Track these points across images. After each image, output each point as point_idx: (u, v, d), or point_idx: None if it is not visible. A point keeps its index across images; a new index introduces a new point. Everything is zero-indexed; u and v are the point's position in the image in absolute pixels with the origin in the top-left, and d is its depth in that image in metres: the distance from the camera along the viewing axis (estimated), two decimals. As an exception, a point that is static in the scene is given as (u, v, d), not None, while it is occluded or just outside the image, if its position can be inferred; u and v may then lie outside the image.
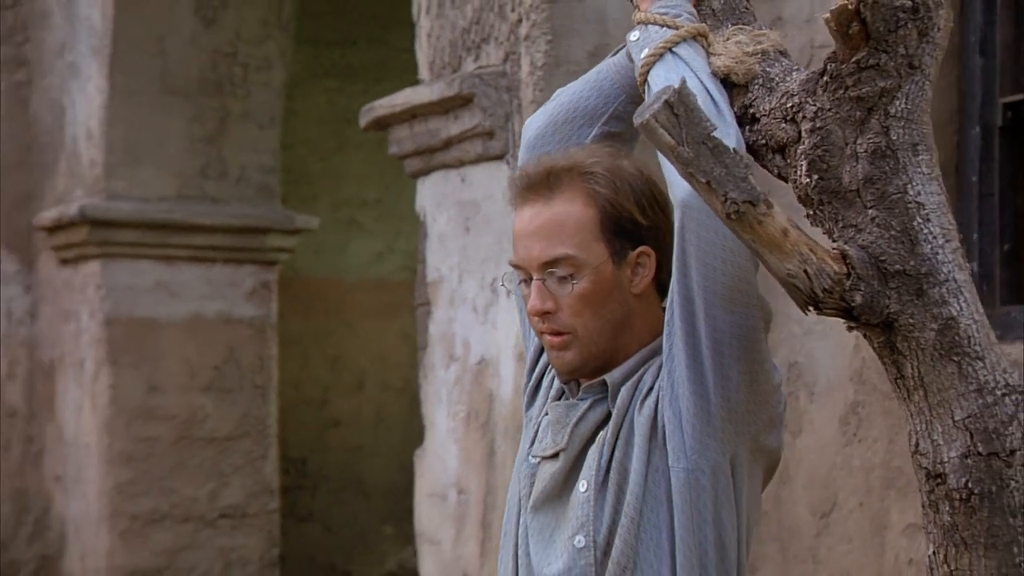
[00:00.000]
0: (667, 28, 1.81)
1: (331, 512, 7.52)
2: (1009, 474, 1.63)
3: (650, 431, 1.83)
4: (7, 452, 6.67)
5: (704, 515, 1.81)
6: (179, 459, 6.14)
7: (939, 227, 1.66)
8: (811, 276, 1.61)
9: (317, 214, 6.82)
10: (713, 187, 1.57)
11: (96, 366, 6.11)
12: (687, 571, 1.81)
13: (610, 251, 1.84)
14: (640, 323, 1.87)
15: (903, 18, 1.66)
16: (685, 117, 1.58)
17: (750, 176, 1.59)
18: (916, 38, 1.67)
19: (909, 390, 1.67)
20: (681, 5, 1.84)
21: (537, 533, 1.91)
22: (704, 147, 1.57)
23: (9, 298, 6.65)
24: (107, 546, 6.05)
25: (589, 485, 1.85)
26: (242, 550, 6.26)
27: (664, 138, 1.58)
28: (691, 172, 1.58)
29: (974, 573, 1.65)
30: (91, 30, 6.16)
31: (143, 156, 6.10)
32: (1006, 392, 1.64)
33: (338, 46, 7.39)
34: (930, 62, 1.68)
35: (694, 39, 1.82)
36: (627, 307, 1.86)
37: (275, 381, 6.41)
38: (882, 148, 1.66)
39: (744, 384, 1.79)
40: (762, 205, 1.58)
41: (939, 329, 1.63)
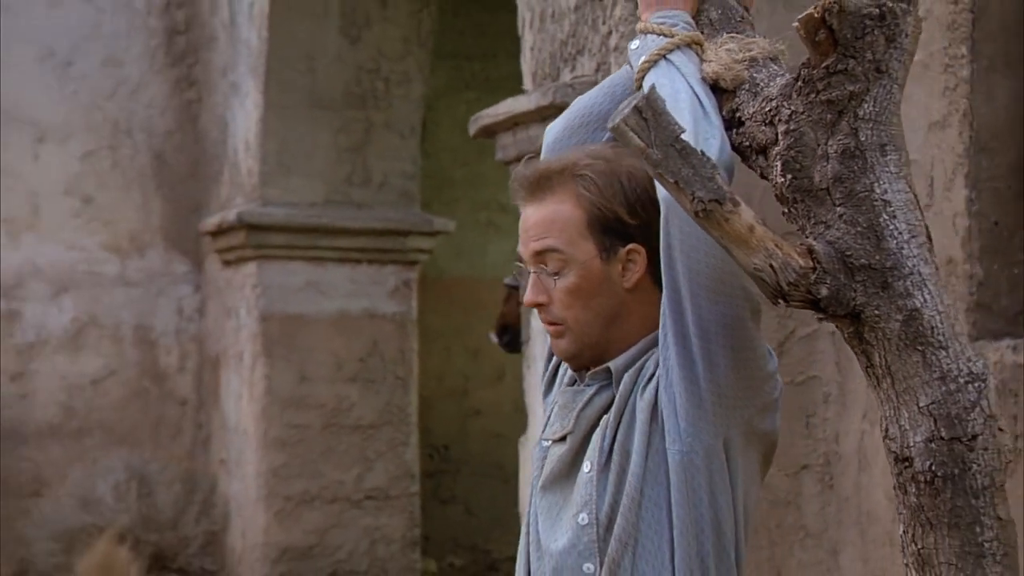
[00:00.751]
0: (663, 37, 1.84)
1: (472, 495, 7.65)
2: (971, 457, 1.63)
3: (650, 415, 1.84)
4: (179, 438, 6.97)
5: (699, 495, 1.81)
6: (327, 445, 6.33)
7: (905, 223, 1.66)
8: (776, 270, 1.62)
9: (458, 217, 6.95)
10: (681, 187, 1.59)
11: (253, 358, 6.35)
12: (684, 548, 1.82)
13: (598, 248, 1.86)
14: (636, 315, 1.88)
15: (870, 25, 1.66)
16: (653, 121, 1.60)
17: (717, 176, 1.60)
18: (883, 44, 1.67)
19: (878, 378, 1.68)
20: (678, 15, 1.87)
21: (545, 512, 1.94)
22: (672, 149, 1.60)
23: (180, 297, 6.96)
24: (264, 524, 6.28)
25: (593, 466, 1.87)
26: (386, 529, 6.42)
27: (634, 140, 1.60)
28: (660, 172, 1.60)
29: (939, 551, 1.64)
30: (249, 51, 6.40)
31: (294, 165, 6.32)
32: (969, 380, 1.64)
33: (478, 60, 7.52)
34: (898, 67, 1.68)
35: (688, 47, 1.83)
36: (618, 300, 1.88)
37: (415, 373, 6.55)
38: (851, 148, 1.66)
39: (732, 371, 1.79)
40: (728, 203, 1.60)
41: (904, 320, 1.63)
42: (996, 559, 1.63)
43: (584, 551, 1.87)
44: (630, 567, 1.84)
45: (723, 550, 1.84)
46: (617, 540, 1.84)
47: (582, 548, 1.87)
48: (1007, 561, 1.64)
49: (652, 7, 1.89)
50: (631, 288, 1.87)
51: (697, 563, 1.82)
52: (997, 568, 1.63)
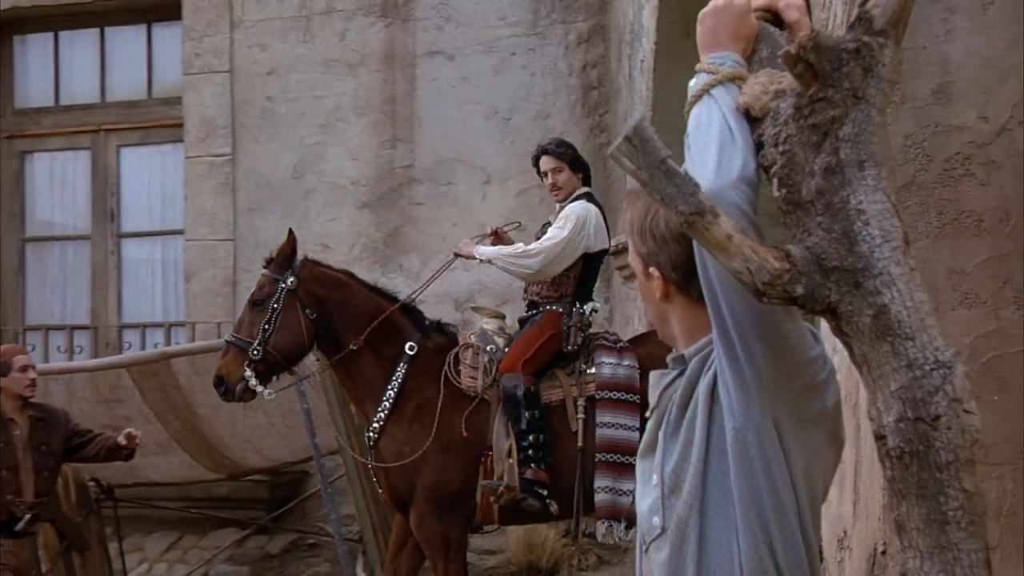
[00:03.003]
0: (710, 74, 1.87)
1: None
2: (934, 436, 1.59)
3: (710, 395, 1.86)
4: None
5: (754, 466, 1.81)
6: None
7: (879, 230, 1.65)
8: (752, 272, 1.65)
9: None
10: (666, 202, 1.67)
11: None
12: (743, 511, 1.82)
13: (643, 267, 1.97)
14: (676, 318, 1.95)
15: (846, 58, 1.67)
16: (641, 147, 1.67)
17: (698, 193, 1.67)
18: (860, 74, 1.67)
19: (859, 365, 1.67)
20: (727, 56, 1.88)
21: (640, 476, 2.00)
22: (658, 170, 1.67)
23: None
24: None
25: (664, 437, 1.94)
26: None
27: (626, 164, 1.69)
28: (648, 190, 1.69)
29: (909, 519, 1.62)
30: (641, 100, 6.65)
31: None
32: (935, 367, 1.60)
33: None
34: (875, 93, 1.67)
35: (732, 82, 1.85)
36: (659, 307, 1.96)
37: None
38: (832, 165, 1.67)
39: (770, 358, 1.78)
40: (709, 215, 1.66)
41: (874, 315, 1.63)
42: (960, 526, 1.59)
43: (653, 506, 1.92)
44: (698, 526, 1.86)
45: (784, 517, 1.83)
46: (684, 503, 1.87)
47: (651, 503, 1.93)
48: (972, 528, 1.59)
49: (708, 48, 1.91)
50: (662, 299, 1.94)
51: (759, 525, 1.82)
52: (961, 534, 1.59)
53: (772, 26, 1.94)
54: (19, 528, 5.48)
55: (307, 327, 5.19)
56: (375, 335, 5.27)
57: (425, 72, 7.74)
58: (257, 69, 8.01)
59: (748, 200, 1.77)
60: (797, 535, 1.85)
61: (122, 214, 8.66)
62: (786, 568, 1.84)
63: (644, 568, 1.97)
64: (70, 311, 8.69)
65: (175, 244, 8.42)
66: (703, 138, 1.82)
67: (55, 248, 8.82)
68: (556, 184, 5.44)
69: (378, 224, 7.79)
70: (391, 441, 5.21)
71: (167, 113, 8.45)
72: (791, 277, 1.65)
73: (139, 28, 8.65)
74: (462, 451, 5.18)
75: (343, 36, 7.89)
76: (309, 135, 7.91)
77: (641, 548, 1.98)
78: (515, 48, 7.62)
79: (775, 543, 1.84)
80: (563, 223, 5.30)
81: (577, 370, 5.27)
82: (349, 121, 7.85)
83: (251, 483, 7.53)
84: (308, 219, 7.87)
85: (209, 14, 8.07)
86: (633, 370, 5.16)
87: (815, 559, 1.89)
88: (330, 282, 5.33)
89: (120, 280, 8.58)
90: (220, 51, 8.04)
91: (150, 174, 8.63)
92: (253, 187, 7.97)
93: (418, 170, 7.75)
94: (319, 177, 7.88)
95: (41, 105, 8.82)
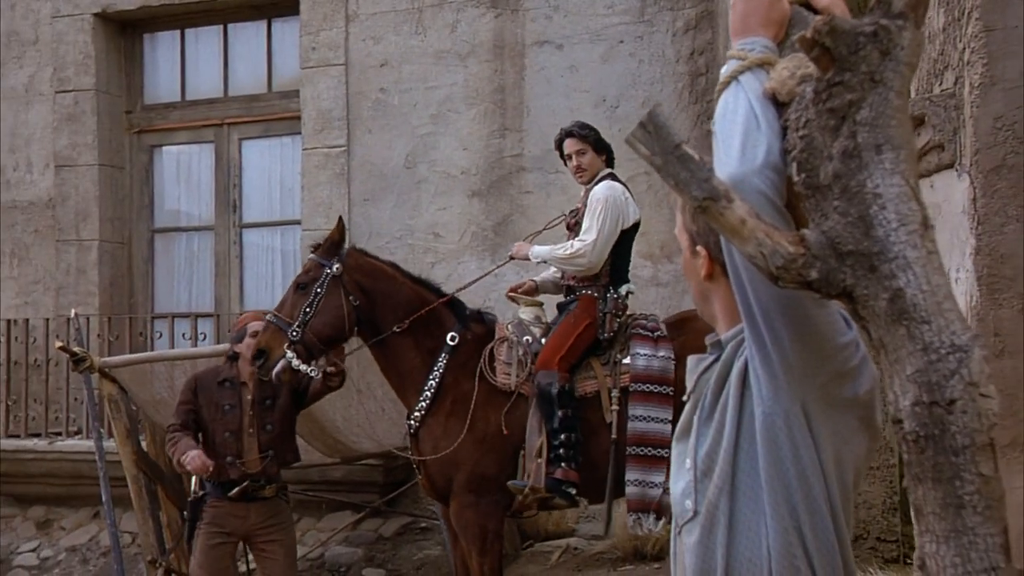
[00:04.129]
0: (739, 60, 1.87)
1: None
2: (950, 420, 1.59)
3: (742, 380, 1.86)
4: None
5: (783, 451, 1.81)
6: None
7: (895, 214, 1.64)
8: (766, 256, 1.66)
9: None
10: (680, 187, 1.69)
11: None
12: (772, 496, 1.83)
13: (690, 244, 1.98)
14: (718, 298, 1.94)
15: (863, 41, 1.66)
16: (655, 134, 1.69)
17: (712, 178, 1.68)
18: (878, 57, 1.66)
19: (876, 349, 1.67)
20: (757, 41, 1.87)
21: (675, 460, 2.02)
22: (672, 156, 1.68)
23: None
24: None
25: (699, 421, 1.94)
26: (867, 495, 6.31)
27: (642, 151, 1.70)
28: (663, 175, 1.71)
29: (927, 502, 1.62)
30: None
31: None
32: (950, 351, 1.59)
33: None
34: (893, 76, 1.66)
35: (760, 67, 1.85)
36: (703, 286, 1.97)
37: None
38: (849, 149, 1.66)
39: (797, 344, 1.77)
40: (723, 200, 1.67)
41: (889, 298, 1.62)
42: (977, 511, 1.58)
43: (686, 489, 1.93)
44: (728, 509, 1.86)
45: (813, 501, 1.83)
46: (715, 486, 1.88)
47: (684, 486, 1.94)
48: (988, 513, 1.58)
49: (738, 35, 1.91)
50: (706, 277, 1.96)
51: (787, 510, 1.82)
52: (977, 519, 1.58)
53: (805, 10, 1.94)
54: (233, 493, 5.60)
55: (349, 313, 5.29)
56: (418, 325, 5.35)
57: (534, 61, 7.80)
58: (371, 61, 8.18)
59: (773, 186, 1.77)
60: (827, 520, 1.85)
61: (243, 205, 8.95)
62: (815, 552, 1.84)
63: (677, 550, 2.00)
64: (195, 299, 9.02)
65: (293, 234, 8.66)
66: (729, 125, 1.83)
67: (181, 239, 9.17)
68: (580, 166, 5.51)
69: (488, 212, 7.88)
70: (428, 434, 5.32)
71: (286, 106, 8.69)
72: (805, 261, 1.66)
73: (259, 24, 8.91)
74: (497, 445, 5.26)
75: (454, 27, 8.00)
76: (421, 125, 8.04)
77: (675, 531, 2.00)
78: (623, 36, 7.61)
79: (804, 528, 1.84)
80: (593, 213, 5.34)
81: (612, 360, 5.29)
82: (460, 111, 7.96)
83: (365, 467, 7.71)
84: (419, 208, 8.01)
85: (325, 8, 8.27)
86: (668, 361, 5.16)
87: (846, 544, 1.88)
88: (375, 272, 5.43)
89: (242, 269, 8.88)
90: (336, 44, 8.23)
91: (270, 166, 8.90)
92: (367, 177, 8.15)
93: (527, 159, 7.81)
94: (430, 167, 8.01)
95: (168, 100, 9.16)
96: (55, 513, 8.58)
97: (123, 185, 9.09)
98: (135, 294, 9.09)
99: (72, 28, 8.93)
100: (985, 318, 3.45)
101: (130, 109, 9.16)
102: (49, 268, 8.91)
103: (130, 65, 9.17)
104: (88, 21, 8.91)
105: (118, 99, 9.09)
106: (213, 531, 5.66)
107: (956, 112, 3.64)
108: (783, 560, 1.84)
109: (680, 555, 1.98)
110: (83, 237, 8.84)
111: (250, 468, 5.61)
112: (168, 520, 6.75)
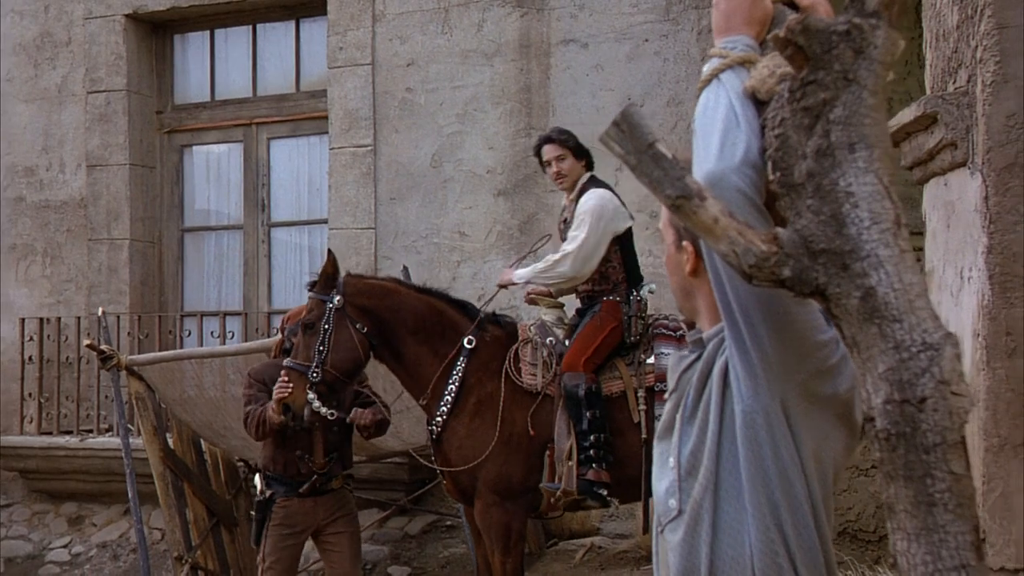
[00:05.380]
0: (720, 59, 1.88)
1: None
2: (921, 418, 1.60)
3: (723, 377, 1.88)
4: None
5: (763, 449, 1.83)
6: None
7: (868, 212, 1.65)
8: (738, 255, 1.68)
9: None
10: (654, 185, 1.71)
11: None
12: (753, 494, 1.84)
13: (676, 239, 2.00)
14: (701, 295, 1.96)
15: (836, 40, 1.67)
16: (629, 132, 1.71)
17: (686, 176, 1.70)
18: (851, 56, 1.67)
19: (849, 347, 1.68)
20: (739, 39, 1.89)
21: (656, 458, 2.03)
22: (646, 155, 1.70)
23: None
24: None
25: (681, 420, 1.96)
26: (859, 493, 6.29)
27: (616, 149, 1.73)
28: (637, 174, 1.73)
29: (898, 500, 1.63)
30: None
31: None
32: (922, 349, 1.60)
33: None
34: (867, 75, 1.67)
35: (741, 65, 1.86)
36: (687, 281, 1.98)
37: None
38: (823, 148, 1.68)
39: (775, 342, 1.79)
40: (695, 199, 1.69)
41: (861, 297, 1.64)
42: (948, 508, 1.59)
43: (670, 488, 1.95)
44: (711, 507, 1.88)
45: (794, 499, 1.84)
46: (700, 484, 1.89)
47: (668, 485, 1.95)
48: (959, 511, 1.59)
49: (721, 33, 1.92)
50: (691, 273, 1.97)
51: (769, 508, 1.84)
52: (948, 516, 1.59)
53: (789, 9, 1.95)
54: (303, 489, 5.63)
55: (360, 341, 5.34)
56: (433, 333, 5.37)
57: (559, 60, 7.81)
58: (397, 61, 8.22)
59: (752, 183, 1.79)
60: (808, 518, 1.86)
61: (272, 204, 9.03)
62: (797, 549, 1.86)
63: (660, 549, 2.01)
64: (224, 298, 9.11)
65: (320, 233, 8.72)
66: (708, 122, 1.84)
67: (211, 238, 9.26)
68: (560, 172, 5.49)
69: (513, 212, 7.90)
70: (452, 437, 5.35)
71: (314, 106, 8.76)
72: (778, 260, 1.67)
73: (288, 24, 8.98)
74: (523, 446, 5.28)
75: (480, 27, 8.03)
76: (447, 125, 8.08)
77: (657, 529, 2.02)
78: (648, 35, 7.61)
79: (785, 526, 1.85)
80: (580, 221, 5.34)
81: (636, 360, 5.29)
82: (486, 110, 7.99)
83: (391, 465, 7.75)
84: (446, 207, 8.05)
85: (352, 8, 8.33)
86: None
87: (827, 541, 1.89)
88: (376, 292, 5.45)
89: (270, 268, 8.95)
90: (363, 44, 8.29)
91: (298, 165, 8.96)
92: (393, 176, 8.19)
93: (552, 158, 7.82)
94: (456, 166, 8.04)
95: (198, 100, 9.25)
96: (86, 510, 8.69)
97: (154, 185, 9.20)
98: (165, 293, 9.19)
99: (104, 29, 9.05)
100: (997, 317, 3.43)
101: (161, 109, 9.26)
102: (81, 267, 9.03)
103: (161, 65, 9.27)
104: (119, 22, 9.02)
105: (149, 99, 9.20)
106: (284, 531, 5.70)
107: (969, 110, 3.63)
108: (766, 558, 1.85)
109: (663, 554, 1.99)
110: (114, 236, 8.95)
111: (317, 465, 5.64)
112: (195, 517, 6.83)
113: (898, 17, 1.69)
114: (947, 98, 3.68)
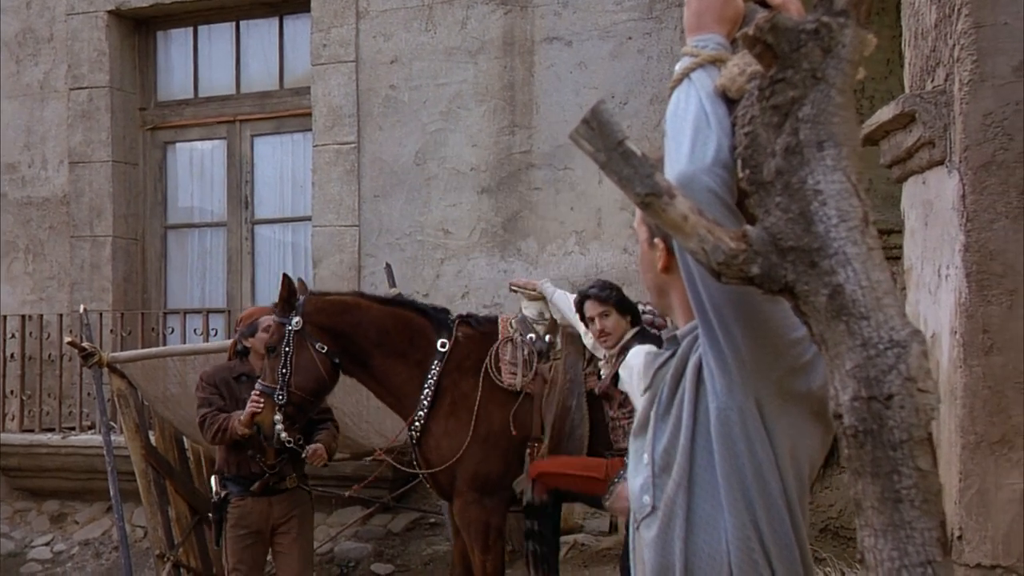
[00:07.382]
0: (691, 58, 1.88)
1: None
2: (888, 415, 1.60)
3: (697, 375, 1.87)
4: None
5: (738, 447, 1.82)
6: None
7: (835, 210, 1.65)
8: (707, 252, 1.68)
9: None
10: (623, 183, 1.71)
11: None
12: (728, 491, 1.84)
13: (649, 236, 2.00)
14: (674, 292, 1.95)
15: (805, 39, 1.67)
16: (598, 130, 1.69)
17: (656, 174, 1.70)
18: (820, 55, 1.67)
19: (817, 344, 1.69)
20: (711, 38, 1.88)
21: (632, 455, 2.03)
22: (615, 152, 1.69)
23: None
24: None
25: (655, 417, 1.95)
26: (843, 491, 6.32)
27: (585, 147, 1.71)
28: (606, 172, 1.73)
29: (866, 496, 1.63)
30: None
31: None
32: (889, 346, 1.60)
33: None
34: (835, 74, 1.67)
35: (712, 64, 1.86)
36: (661, 279, 1.98)
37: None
38: (792, 146, 1.67)
39: (749, 339, 1.79)
40: (665, 196, 1.68)
41: (829, 294, 1.63)
42: (914, 505, 1.59)
43: (644, 484, 1.94)
44: (685, 504, 1.87)
45: (769, 496, 1.84)
46: (673, 481, 1.89)
47: (643, 482, 1.95)
48: (926, 507, 1.59)
49: (692, 31, 1.91)
50: (663, 270, 1.97)
51: (744, 505, 1.84)
52: (915, 513, 1.59)
53: (760, 7, 1.96)
54: (255, 488, 5.69)
55: (321, 361, 5.36)
56: (403, 342, 5.38)
57: (543, 58, 7.82)
58: (381, 58, 8.22)
59: (723, 183, 1.79)
60: (784, 514, 1.86)
61: (255, 201, 9.01)
62: (772, 545, 1.86)
63: (636, 545, 2.02)
64: (208, 295, 9.10)
65: (304, 230, 8.71)
66: (679, 123, 1.85)
67: (194, 235, 9.24)
68: (604, 330, 5.10)
69: (497, 209, 7.91)
70: (430, 437, 5.38)
71: (297, 103, 8.75)
72: (746, 257, 1.67)
73: (271, 21, 8.97)
74: (502, 443, 5.30)
75: (464, 24, 8.02)
76: (431, 122, 8.08)
77: (633, 526, 2.02)
78: (631, 32, 7.62)
79: (761, 523, 1.85)
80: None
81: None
82: (469, 108, 7.99)
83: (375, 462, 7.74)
84: (429, 205, 8.05)
85: (336, 5, 8.32)
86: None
87: (803, 537, 1.90)
88: (335, 308, 5.47)
89: (254, 265, 8.94)
90: (346, 41, 8.28)
91: (281, 162, 8.95)
92: (377, 173, 8.19)
93: (536, 155, 7.83)
94: (440, 163, 8.04)
95: (181, 97, 9.23)
96: (69, 507, 8.67)
97: (137, 182, 9.17)
98: (148, 290, 9.17)
99: (86, 25, 9.02)
100: (974, 314, 3.45)
101: (144, 106, 9.24)
102: (63, 264, 9.01)
103: (144, 62, 9.25)
104: (102, 18, 8.99)
105: (132, 96, 9.17)
106: (241, 532, 5.72)
107: (947, 109, 3.64)
108: (741, 554, 1.85)
109: (639, 550, 1.99)
110: (97, 233, 8.92)
111: (267, 464, 5.65)
112: (177, 515, 6.82)
113: (866, 16, 1.69)
114: (925, 96, 3.70)
